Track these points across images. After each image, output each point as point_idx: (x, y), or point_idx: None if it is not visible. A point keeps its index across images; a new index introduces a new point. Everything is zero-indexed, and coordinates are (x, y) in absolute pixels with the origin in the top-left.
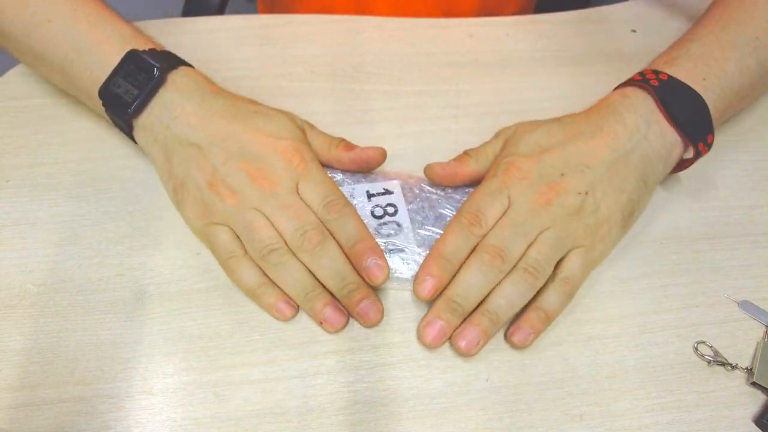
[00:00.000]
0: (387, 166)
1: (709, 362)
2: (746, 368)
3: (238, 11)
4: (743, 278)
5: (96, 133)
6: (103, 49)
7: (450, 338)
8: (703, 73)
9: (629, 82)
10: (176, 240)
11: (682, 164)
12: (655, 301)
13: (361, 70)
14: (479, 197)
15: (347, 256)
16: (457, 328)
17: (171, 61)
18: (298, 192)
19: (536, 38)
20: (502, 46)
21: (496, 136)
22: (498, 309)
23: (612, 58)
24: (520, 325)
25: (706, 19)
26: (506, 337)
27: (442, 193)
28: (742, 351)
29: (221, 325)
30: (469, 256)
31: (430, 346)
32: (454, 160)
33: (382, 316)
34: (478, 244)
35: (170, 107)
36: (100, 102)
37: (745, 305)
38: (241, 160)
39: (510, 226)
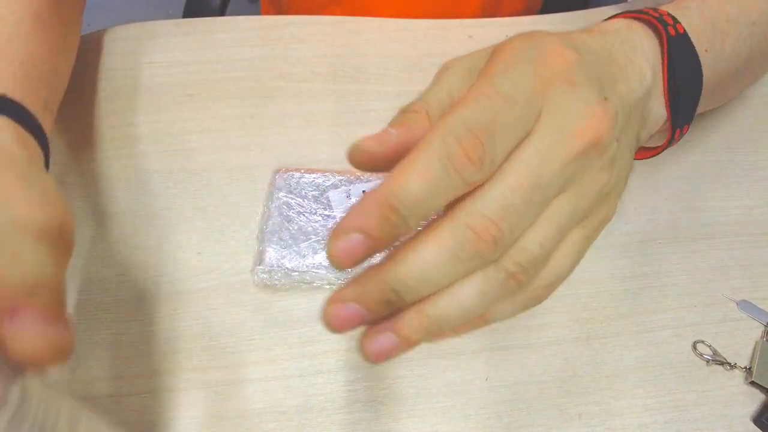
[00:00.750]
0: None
1: (707, 361)
2: (745, 367)
3: (238, 12)
4: (742, 278)
5: (97, 133)
6: None
7: (363, 335)
8: (708, 42)
9: (638, 14)
10: (177, 240)
11: (649, 150)
12: (655, 300)
13: (361, 71)
14: (485, 100)
15: None
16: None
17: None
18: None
19: None
20: None
21: (468, 56)
22: (443, 318)
23: None
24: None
25: None
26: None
27: None
28: (740, 350)
29: (222, 324)
30: (440, 218)
31: (332, 329)
32: (394, 124)
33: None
34: (459, 202)
35: None
36: None
37: (744, 305)
38: None
39: (529, 184)
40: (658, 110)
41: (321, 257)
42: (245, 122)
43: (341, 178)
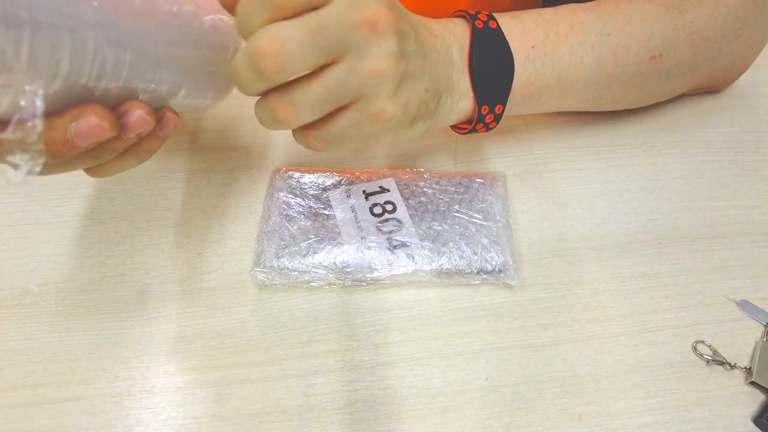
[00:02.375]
0: (382, 164)
1: (707, 362)
2: (745, 368)
3: None
4: (742, 278)
5: None
6: None
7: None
8: (534, 42)
9: (463, 13)
10: (177, 240)
11: (465, 126)
12: (654, 300)
13: None
14: None
15: None
16: None
17: None
18: None
19: None
20: None
21: None
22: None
23: None
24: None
25: None
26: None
27: (437, 187)
28: (740, 350)
29: (222, 324)
30: None
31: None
32: None
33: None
34: None
35: None
36: None
37: (744, 305)
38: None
39: (315, 24)
40: (464, 84)
41: (321, 257)
42: (245, 122)
43: (341, 177)
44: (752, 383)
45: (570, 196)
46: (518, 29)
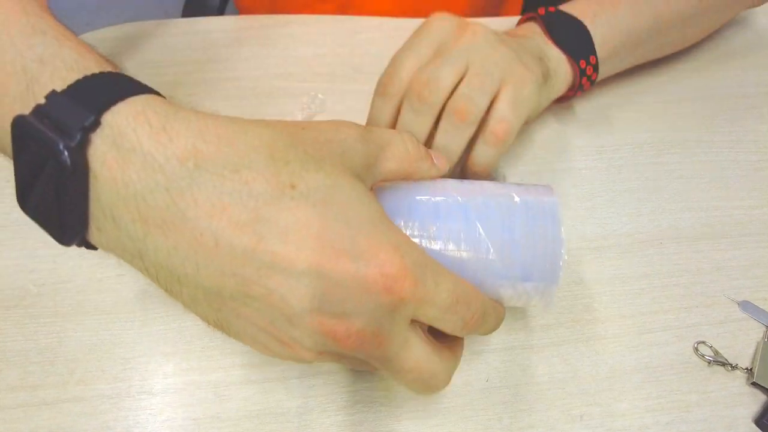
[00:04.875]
0: None
1: (709, 362)
2: (746, 368)
3: (238, 12)
4: (743, 278)
5: None
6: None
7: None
8: (594, 12)
9: (531, 14)
10: None
11: (570, 90)
12: (656, 301)
13: (360, 71)
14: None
15: None
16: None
17: (86, 110)
18: (415, 328)
19: None
20: None
21: None
22: (446, 149)
23: None
24: (469, 163)
25: None
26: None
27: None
28: (742, 351)
29: None
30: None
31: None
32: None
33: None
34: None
35: (122, 222)
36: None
37: (746, 305)
38: (316, 314)
39: (432, 64)
40: (552, 51)
41: None
42: None
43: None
44: (754, 384)
45: (570, 196)
46: (575, 9)
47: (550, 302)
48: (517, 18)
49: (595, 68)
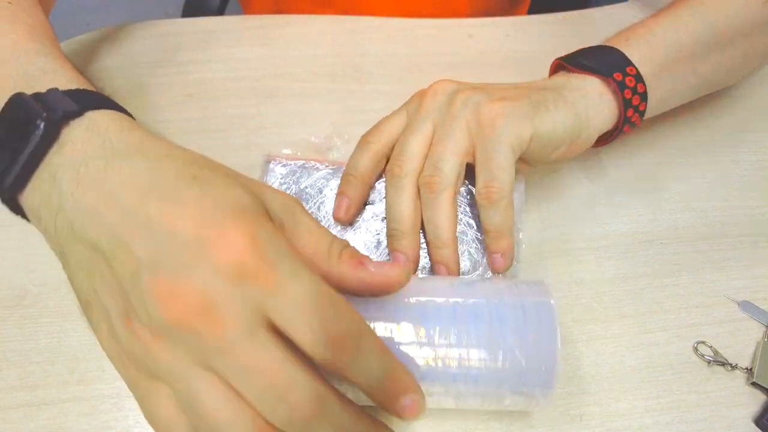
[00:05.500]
0: None
1: (709, 362)
2: (746, 368)
3: (238, 12)
4: (743, 278)
5: None
6: None
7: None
8: (626, 36)
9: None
10: None
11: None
12: (655, 301)
13: (361, 71)
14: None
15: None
16: (416, 252)
17: (77, 105)
18: (266, 317)
19: (536, 38)
20: (502, 47)
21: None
22: (432, 235)
23: None
24: (488, 253)
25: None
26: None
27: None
28: (742, 351)
29: None
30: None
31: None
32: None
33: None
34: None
35: (61, 180)
36: None
37: (745, 305)
38: (152, 275)
39: (401, 137)
40: (575, 80)
41: None
42: (245, 122)
43: (333, 168)
44: (753, 384)
45: (570, 196)
46: (606, 42)
47: (546, 405)
48: (524, 17)
49: (638, 78)
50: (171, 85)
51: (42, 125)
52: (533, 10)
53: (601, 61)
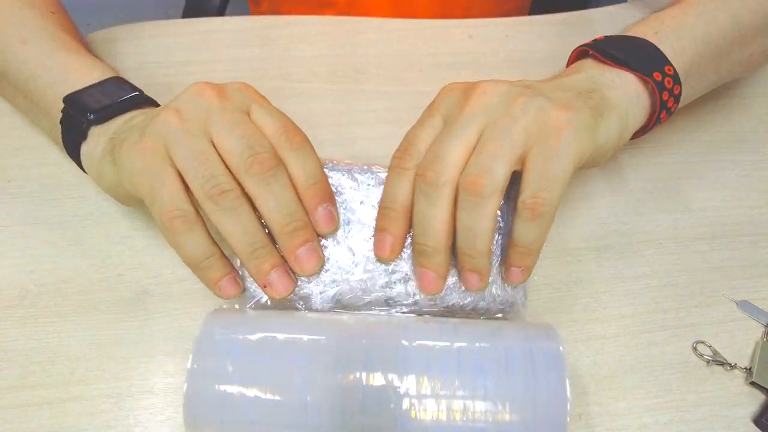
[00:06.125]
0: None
1: (708, 362)
2: (745, 368)
3: (238, 12)
4: (742, 278)
5: None
6: (79, 74)
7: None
8: (654, 27)
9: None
10: None
11: (653, 114)
12: (655, 300)
13: (361, 71)
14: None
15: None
16: (446, 268)
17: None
18: (250, 116)
19: (536, 39)
20: (502, 47)
21: None
22: (466, 243)
23: None
24: (507, 263)
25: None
26: (504, 280)
27: None
28: (741, 351)
29: None
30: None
31: (431, 294)
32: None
33: (321, 268)
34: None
35: (113, 126)
36: (60, 109)
37: (744, 305)
38: (192, 91)
39: (437, 141)
40: (610, 75)
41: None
42: None
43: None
44: (752, 383)
45: (570, 196)
46: (629, 31)
47: None
48: (524, 17)
49: (676, 79)
50: (171, 85)
51: (139, 93)
52: (533, 10)
53: (637, 57)
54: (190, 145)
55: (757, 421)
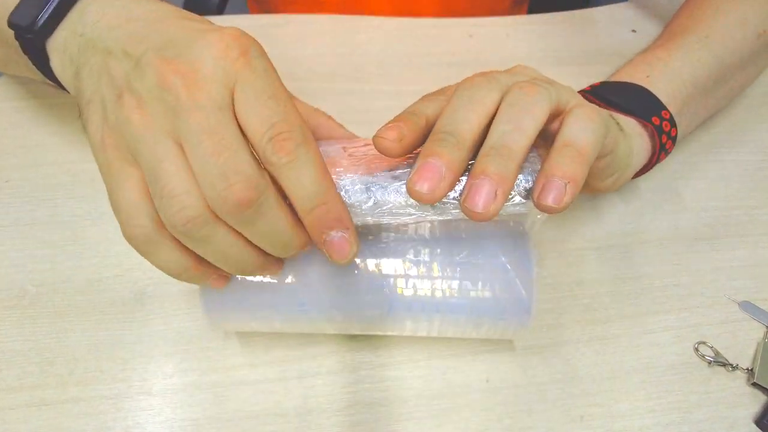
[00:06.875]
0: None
1: (709, 363)
2: (747, 369)
3: (238, 11)
4: (744, 278)
5: None
6: None
7: (461, 204)
8: (645, 71)
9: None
10: None
11: (653, 156)
12: (656, 301)
13: (361, 70)
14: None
15: (298, 218)
16: (458, 169)
17: None
18: (232, 105)
19: (536, 38)
20: (502, 46)
21: None
22: (504, 137)
23: (612, 58)
24: (547, 173)
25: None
26: (536, 201)
27: None
28: (742, 351)
29: None
30: None
31: (426, 197)
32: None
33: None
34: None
35: (87, 16)
36: (14, 36)
37: (746, 305)
38: (157, 54)
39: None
40: (618, 117)
41: None
42: None
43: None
44: (754, 384)
45: None
46: (623, 77)
47: (525, 333)
48: (524, 17)
49: (672, 122)
50: None
51: None
52: (533, 10)
53: (634, 102)
54: (152, 153)
55: (759, 422)
